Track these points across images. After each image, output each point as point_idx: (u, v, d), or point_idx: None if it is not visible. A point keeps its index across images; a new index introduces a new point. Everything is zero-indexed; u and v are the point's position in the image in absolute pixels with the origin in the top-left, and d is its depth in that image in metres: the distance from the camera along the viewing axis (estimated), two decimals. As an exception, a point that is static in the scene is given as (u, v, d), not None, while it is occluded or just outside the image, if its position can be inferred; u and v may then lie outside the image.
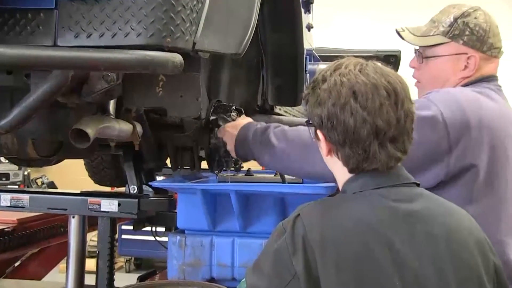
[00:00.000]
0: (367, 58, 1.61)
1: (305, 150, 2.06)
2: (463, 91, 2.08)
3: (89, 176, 4.46)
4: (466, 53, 2.16)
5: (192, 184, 2.76)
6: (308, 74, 3.50)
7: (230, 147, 2.32)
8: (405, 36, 2.28)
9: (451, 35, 2.17)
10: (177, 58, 1.62)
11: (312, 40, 4.30)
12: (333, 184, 2.31)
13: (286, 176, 2.81)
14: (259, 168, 4.81)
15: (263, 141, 2.19)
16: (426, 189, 1.60)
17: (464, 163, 1.94)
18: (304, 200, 1.60)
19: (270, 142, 2.16)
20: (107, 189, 4.71)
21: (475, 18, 2.17)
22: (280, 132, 2.18)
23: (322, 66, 4.56)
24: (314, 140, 1.63)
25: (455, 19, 2.18)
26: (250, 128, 2.27)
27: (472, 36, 2.15)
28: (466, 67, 2.17)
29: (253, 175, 3.02)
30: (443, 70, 2.19)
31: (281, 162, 2.15)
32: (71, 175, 6.43)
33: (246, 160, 2.36)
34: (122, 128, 2.19)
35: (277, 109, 3.42)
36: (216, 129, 2.41)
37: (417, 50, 2.28)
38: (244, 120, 2.37)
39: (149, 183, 2.67)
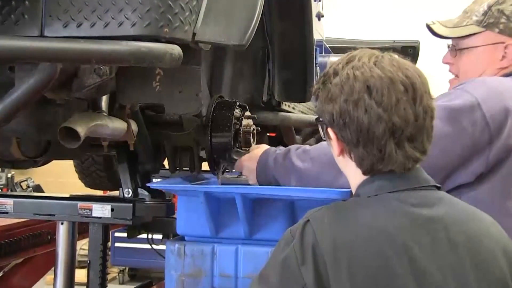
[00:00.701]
0: (383, 49, 1.61)
1: (332, 166, 2.05)
2: (499, 79, 2.07)
3: (79, 178, 4.47)
4: (503, 42, 2.15)
5: (194, 186, 2.76)
6: (318, 67, 3.50)
7: (253, 181, 2.38)
8: (436, 29, 2.27)
9: (485, 24, 2.16)
10: (176, 50, 1.62)
11: (322, 30, 4.30)
12: (348, 189, 2.31)
13: None
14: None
15: (286, 166, 2.20)
16: (464, 185, 1.59)
17: (505, 152, 1.91)
18: (315, 205, 1.60)
19: (294, 165, 2.17)
20: (99, 193, 4.71)
21: (511, 5, 2.16)
22: (302, 152, 2.19)
23: (334, 58, 4.55)
24: (324, 138, 1.63)
25: (489, 7, 2.17)
26: (269, 156, 2.28)
27: (509, 23, 2.14)
28: (503, 57, 2.16)
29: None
30: (479, 61, 2.18)
31: (309, 183, 2.17)
32: (60, 177, 6.45)
33: None
34: (115, 126, 2.19)
35: (285, 106, 3.42)
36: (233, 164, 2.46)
37: (450, 44, 2.27)
38: (260, 149, 2.39)
39: (147, 185, 2.67)
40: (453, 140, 1.62)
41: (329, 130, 1.57)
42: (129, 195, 2.97)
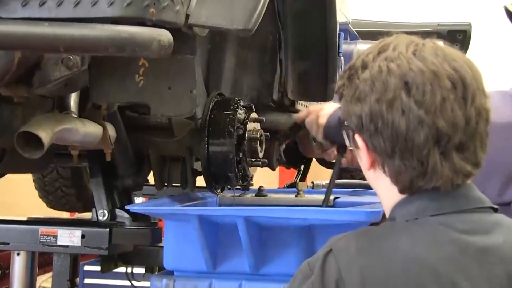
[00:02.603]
0: (424, 35, 1.61)
1: None
2: None
3: (40, 197, 4.47)
4: None
5: (185, 208, 2.77)
6: (342, 58, 3.50)
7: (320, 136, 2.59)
8: None
9: None
10: (164, 35, 1.64)
11: (347, 11, 4.31)
12: (379, 209, 2.32)
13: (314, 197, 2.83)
14: (274, 185, 4.80)
15: None
16: None
17: None
18: (337, 231, 1.61)
19: None
20: (66, 215, 4.72)
21: None
22: None
23: (362, 46, 4.57)
24: (351, 148, 1.63)
25: None
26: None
27: None
28: None
29: (266, 195, 3.02)
30: None
31: None
32: (16, 196, 6.45)
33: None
34: (88, 131, 2.21)
35: (300, 106, 3.43)
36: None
37: None
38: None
39: (127, 206, 2.68)
40: None
41: (357, 137, 1.58)
42: (105, 218, 2.98)
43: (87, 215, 4.22)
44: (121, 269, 3.39)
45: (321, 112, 2.57)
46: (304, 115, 2.63)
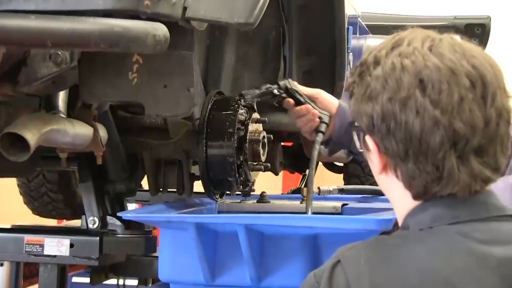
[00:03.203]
0: (441, 29, 1.61)
1: None
2: None
3: (25, 203, 4.47)
4: None
5: (181, 215, 2.77)
6: (351, 53, 3.50)
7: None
8: None
9: None
10: (160, 30, 1.64)
11: (356, 3, 4.31)
12: (390, 216, 2.32)
13: (326, 204, 2.84)
14: (277, 191, 4.79)
15: None
16: None
17: None
18: (346, 240, 1.61)
19: None
20: (53, 222, 4.71)
21: None
22: None
23: (372, 41, 4.57)
24: (361, 150, 1.63)
25: None
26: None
27: None
28: None
29: (269, 202, 3.02)
30: None
31: None
32: (-1, 202, 6.46)
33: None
34: (77, 132, 2.21)
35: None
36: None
37: None
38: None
39: (120, 214, 2.68)
40: None
41: (368, 138, 1.58)
42: (95, 225, 2.99)
43: (76, 223, 4.23)
44: (113, 281, 3.39)
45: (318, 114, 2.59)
46: (297, 112, 2.62)
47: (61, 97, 2.25)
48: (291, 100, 2.63)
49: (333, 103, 2.63)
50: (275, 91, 2.62)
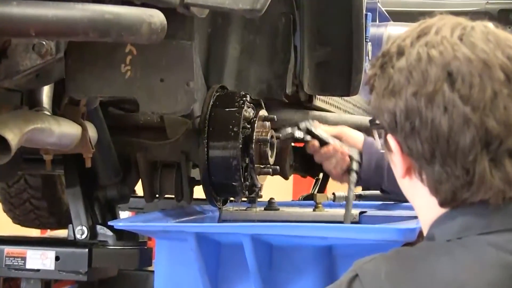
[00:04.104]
0: (472, 15, 1.60)
1: None
2: None
3: (5, 211, 4.47)
4: None
5: (180, 224, 2.77)
6: (370, 43, 3.50)
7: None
8: None
9: None
10: (156, 17, 1.64)
11: (376, -13, 4.32)
12: (414, 225, 2.32)
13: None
14: (287, 197, 4.79)
15: None
16: None
17: None
18: (364, 252, 1.60)
19: None
20: (36, 232, 4.72)
21: None
22: None
23: (394, 30, 4.57)
24: (382, 151, 1.63)
25: None
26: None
27: None
28: None
29: (278, 209, 3.02)
30: None
31: None
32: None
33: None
34: (63, 131, 2.21)
35: (319, 101, 3.43)
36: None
37: None
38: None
39: (111, 222, 2.68)
40: None
41: (390, 138, 1.58)
42: (83, 236, 2.99)
43: (62, 233, 4.23)
44: (103, 298, 3.40)
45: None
46: (325, 153, 2.63)
47: (46, 93, 2.25)
48: (316, 143, 2.65)
49: (359, 139, 2.66)
50: (296, 135, 2.64)
